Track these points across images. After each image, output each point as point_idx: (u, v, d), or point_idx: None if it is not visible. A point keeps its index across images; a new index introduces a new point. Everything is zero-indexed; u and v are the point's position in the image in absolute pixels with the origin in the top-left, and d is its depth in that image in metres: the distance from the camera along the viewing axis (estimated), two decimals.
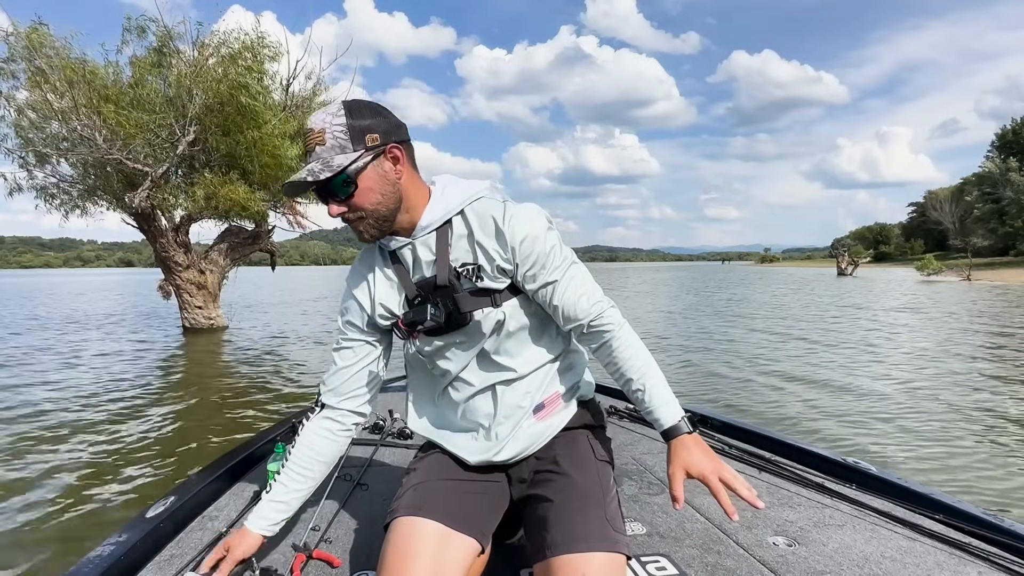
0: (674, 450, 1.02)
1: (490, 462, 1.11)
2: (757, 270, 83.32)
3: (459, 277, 1.04)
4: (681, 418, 1.03)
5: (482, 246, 1.03)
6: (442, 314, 1.04)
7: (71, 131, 9.46)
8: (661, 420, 1.04)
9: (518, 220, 1.02)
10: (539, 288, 1.05)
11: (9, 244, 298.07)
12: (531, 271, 1.04)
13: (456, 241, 1.04)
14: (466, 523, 1.01)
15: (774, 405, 5.35)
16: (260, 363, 8.02)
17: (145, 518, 1.31)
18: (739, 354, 8.27)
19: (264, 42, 10.45)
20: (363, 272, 1.13)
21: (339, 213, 1.00)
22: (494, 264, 1.03)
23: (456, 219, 1.05)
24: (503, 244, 1.02)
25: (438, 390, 1.17)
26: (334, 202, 0.99)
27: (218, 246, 11.72)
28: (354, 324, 1.14)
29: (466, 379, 1.12)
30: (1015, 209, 57.48)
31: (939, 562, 1.20)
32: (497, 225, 1.02)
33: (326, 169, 0.95)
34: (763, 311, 15.30)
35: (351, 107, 0.97)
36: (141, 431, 4.65)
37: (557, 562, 0.93)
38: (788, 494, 1.57)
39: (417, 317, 1.04)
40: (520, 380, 1.11)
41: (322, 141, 0.95)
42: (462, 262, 1.04)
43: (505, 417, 1.11)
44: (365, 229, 1.02)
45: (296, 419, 2.12)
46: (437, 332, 1.08)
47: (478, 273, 1.03)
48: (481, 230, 1.03)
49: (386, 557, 0.96)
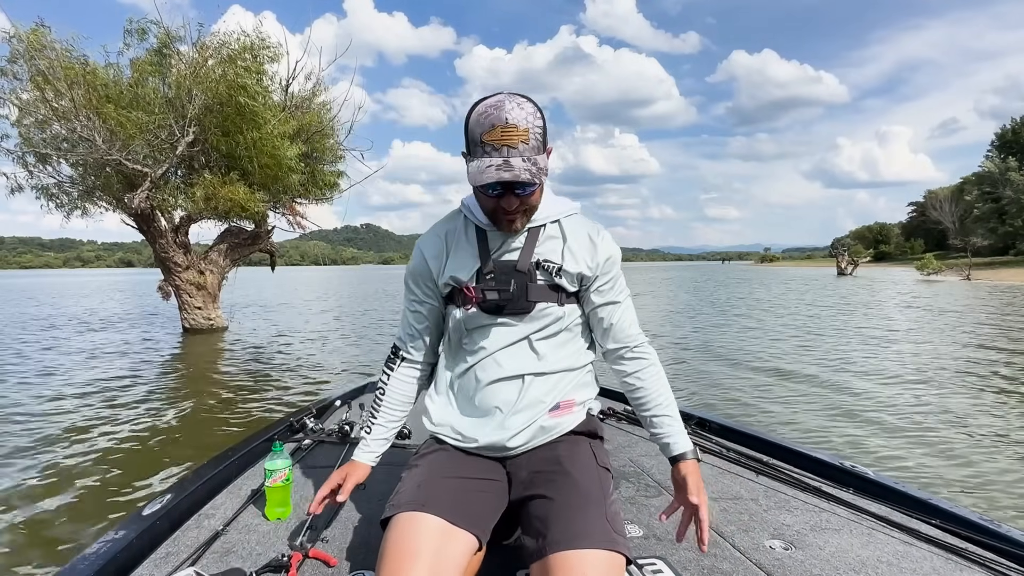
0: (686, 472, 1.13)
1: (499, 445, 1.15)
2: (757, 270, 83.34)
3: (537, 268, 1.16)
4: (693, 447, 1.17)
5: (573, 252, 1.18)
6: (512, 293, 1.15)
7: (71, 132, 9.45)
8: (677, 446, 1.16)
9: (608, 242, 1.20)
10: (602, 304, 1.21)
11: (9, 244, 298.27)
12: (604, 286, 1.20)
13: (544, 241, 1.18)
14: (467, 519, 1.02)
15: (763, 399, 5.35)
16: (259, 363, 8.02)
17: (141, 515, 1.31)
18: (735, 352, 8.27)
19: (264, 43, 10.47)
20: (441, 239, 1.23)
21: (516, 207, 1.09)
22: (577, 270, 1.17)
23: (551, 224, 1.19)
24: (592, 256, 1.18)
25: (461, 370, 1.22)
26: (516, 198, 1.08)
27: (218, 247, 11.71)
28: (424, 286, 1.24)
29: (500, 361, 1.18)
30: (1015, 208, 57.49)
31: (935, 567, 1.20)
32: (592, 239, 1.19)
33: (539, 172, 1.04)
34: (761, 310, 15.31)
35: (540, 109, 1.07)
36: (139, 430, 4.65)
37: (557, 558, 0.93)
38: (785, 497, 1.57)
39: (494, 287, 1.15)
40: (548, 376, 1.19)
41: (526, 140, 1.03)
42: (545, 258, 1.16)
43: (524, 407, 1.17)
44: (519, 220, 1.12)
45: (295, 418, 2.12)
46: (496, 311, 1.17)
47: (559, 271, 1.16)
48: (575, 240, 1.18)
49: (387, 551, 0.96)
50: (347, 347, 9.71)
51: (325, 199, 12.77)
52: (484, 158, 1.04)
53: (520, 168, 1.02)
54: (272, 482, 1.39)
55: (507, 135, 1.02)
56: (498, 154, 1.03)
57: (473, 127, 1.06)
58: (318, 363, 8.07)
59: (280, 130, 10.29)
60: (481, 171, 1.03)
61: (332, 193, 12.72)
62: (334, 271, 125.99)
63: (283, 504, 1.41)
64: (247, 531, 1.33)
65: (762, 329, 11.30)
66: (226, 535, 1.31)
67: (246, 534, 1.32)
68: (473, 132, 1.06)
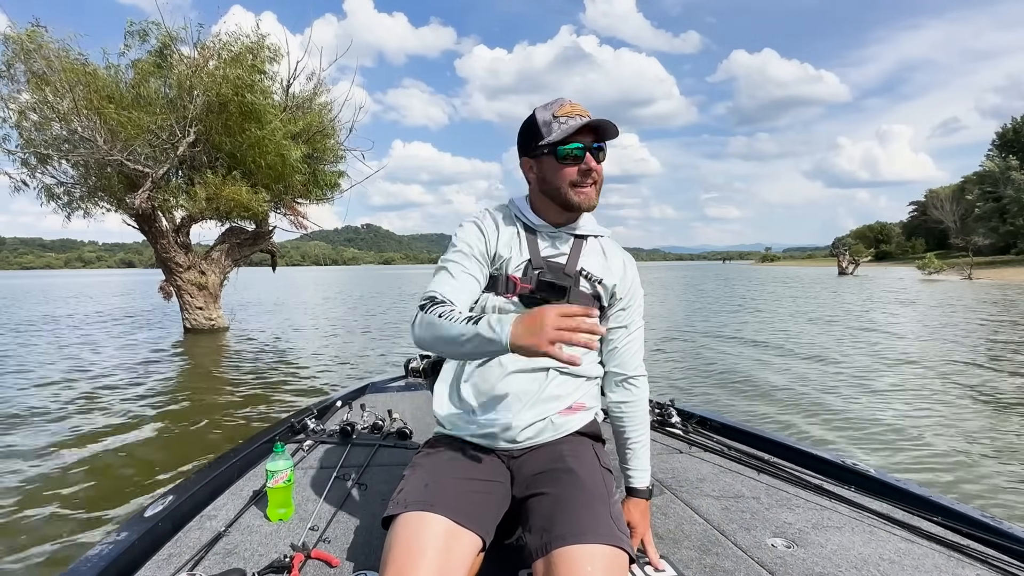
0: (632, 505, 1.25)
1: (507, 436, 1.17)
2: (758, 269, 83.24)
3: (581, 275, 1.23)
4: (648, 487, 1.28)
5: (611, 270, 1.27)
6: (567, 285, 1.20)
7: (71, 132, 9.46)
8: (637, 480, 1.27)
9: (634, 269, 1.31)
10: (618, 326, 1.27)
11: (10, 245, 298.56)
12: (626, 307, 1.28)
13: (588, 254, 1.26)
14: (472, 519, 1.02)
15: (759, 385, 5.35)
16: (260, 364, 8.02)
17: (143, 517, 1.31)
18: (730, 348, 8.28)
19: (264, 43, 10.47)
20: (499, 225, 1.26)
21: (595, 168, 1.18)
22: (612, 286, 1.25)
23: (593, 240, 1.29)
24: (623, 279, 1.27)
25: (484, 361, 1.20)
26: (596, 159, 1.19)
27: (219, 247, 11.72)
28: (477, 260, 1.22)
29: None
30: (1016, 208, 57.39)
31: (937, 564, 1.20)
32: (624, 264, 1.29)
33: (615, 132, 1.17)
34: (759, 310, 15.31)
35: None
36: (139, 431, 4.65)
37: (562, 553, 0.93)
38: (786, 495, 1.57)
39: (551, 279, 1.20)
40: (572, 378, 1.23)
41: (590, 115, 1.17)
42: (589, 269, 1.23)
43: (541, 401, 1.19)
44: (592, 193, 1.21)
45: (296, 419, 2.13)
46: (534, 304, 1.18)
47: (601, 282, 1.24)
48: (613, 259, 1.29)
49: (392, 549, 0.96)
50: (347, 347, 9.72)
51: (326, 199, 12.79)
52: (566, 123, 1.16)
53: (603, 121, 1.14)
54: (274, 483, 1.39)
55: (579, 109, 1.18)
56: (579, 118, 1.15)
57: (541, 116, 1.18)
58: (318, 363, 8.07)
59: (286, 130, 10.30)
60: (568, 125, 1.15)
61: (333, 193, 12.75)
62: (335, 271, 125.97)
63: (285, 505, 1.41)
64: (249, 532, 1.33)
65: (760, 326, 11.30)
66: (228, 536, 1.31)
67: (248, 535, 1.32)
68: (543, 118, 1.18)
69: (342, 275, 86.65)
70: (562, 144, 1.15)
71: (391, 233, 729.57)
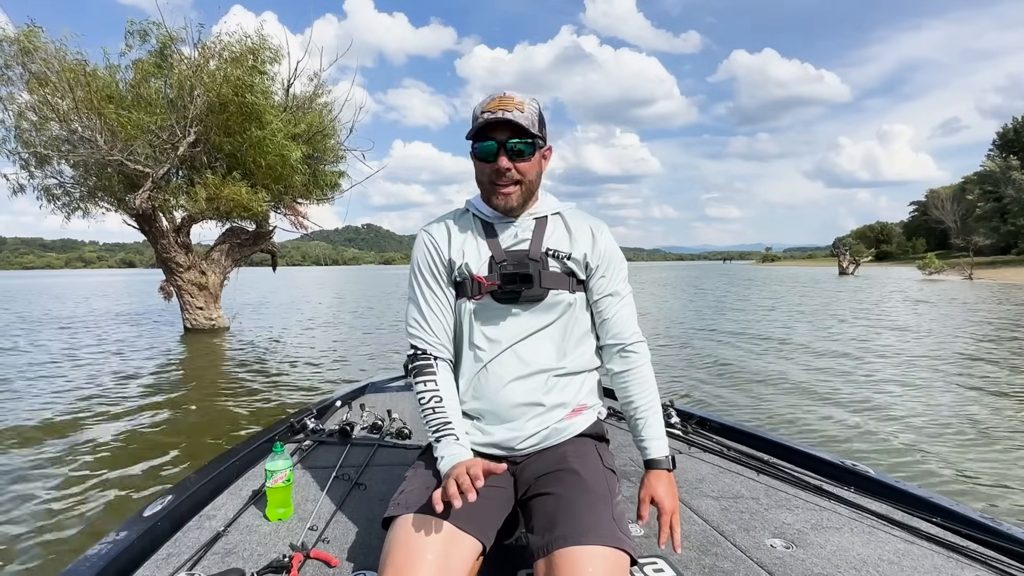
0: (652, 478, 1.15)
1: (509, 446, 1.16)
2: (759, 269, 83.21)
3: (548, 256, 1.20)
4: (667, 455, 1.18)
5: (577, 241, 1.22)
6: (531, 271, 1.17)
7: (71, 132, 9.46)
8: (652, 450, 1.19)
9: (607, 234, 1.26)
10: (603, 296, 1.24)
11: (11, 245, 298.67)
12: (605, 274, 1.23)
13: (552, 233, 1.23)
14: (473, 524, 1.01)
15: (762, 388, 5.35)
16: (259, 364, 8.03)
17: (143, 517, 1.31)
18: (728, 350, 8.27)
19: (265, 44, 10.48)
20: (451, 233, 1.24)
21: (507, 168, 1.14)
22: (583, 257, 1.21)
23: (553, 217, 1.25)
24: (593, 246, 1.23)
25: (476, 367, 1.19)
26: (508, 158, 1.13)
27: (219, 247, 11.73)
28: (437, 274, 1.22)
29: (520, 354, 1.18)
30: (1017, 208, 57.35)
31: (936, 565, 1.20)
32: (592, 231, 1.24)
33: (533, 124, 1.13)
34: (759, 309, 15.30)
35: (538, 103, 1.19)
36: (139, 431, 4.65)
37: (564, 554, 0.93)
38: (786, 496, 1.57)
39: (513, 271, 1.17)
40: (573, 377, 1.21)
41: (522, 109, 1.12)
42: (555, 247, 1.21)
43: (545, 411, 1.17)
44: (514, 195, 1.17)
45: (295, 419, 2.12)
46: (508, 300, 1.17)
47: (570, 256, 1.20)
48: (578, 230, 1.24)
49: (392, 550, 0.96)
50: (347, 347, 9.72)
51: (326, 199, 12.80)
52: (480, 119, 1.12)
53: (516, 115, 1.09)
54: (273, 483, 1.39)
55: (504, 103, 1.11)
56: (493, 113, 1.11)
57: (475, 111, 1.15)
58: (318, 363, 8.06)
59: (286, 131, 10.31)
60: (479, 122, 1.11)
61: (333, 193, 12.76)
62: (335, 271, 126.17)
63: (284, 505, 1.41)
64: (248, 532, 1.33)
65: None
66: (227, 536, 1.31)
67: (247, 535, 1.32)
68: (474, 113, 1.15)
69: (342, 275, 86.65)
70: (476, 140, 1.15)
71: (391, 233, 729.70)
